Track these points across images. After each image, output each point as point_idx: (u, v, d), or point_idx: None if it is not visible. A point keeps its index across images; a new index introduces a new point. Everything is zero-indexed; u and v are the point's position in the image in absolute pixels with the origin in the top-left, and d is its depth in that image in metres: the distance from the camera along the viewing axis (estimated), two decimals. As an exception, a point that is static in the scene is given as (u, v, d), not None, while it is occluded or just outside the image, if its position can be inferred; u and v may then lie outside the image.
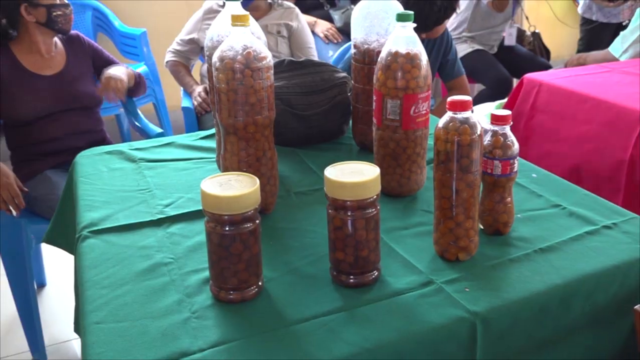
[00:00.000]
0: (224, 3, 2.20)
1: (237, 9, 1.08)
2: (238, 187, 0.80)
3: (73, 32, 1.90)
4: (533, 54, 3.26)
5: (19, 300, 1.90)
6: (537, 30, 3.32)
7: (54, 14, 1.77)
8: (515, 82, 3.14)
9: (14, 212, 1.69)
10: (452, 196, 0.88)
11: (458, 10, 3.13)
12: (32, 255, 1.88)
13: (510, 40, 3.20)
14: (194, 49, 2.36)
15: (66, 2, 1.82)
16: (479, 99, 2.93)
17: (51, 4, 1.76)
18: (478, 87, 3.28)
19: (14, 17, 1.77)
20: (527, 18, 3.36)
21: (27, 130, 1.79)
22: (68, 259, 1.32)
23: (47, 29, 1.80)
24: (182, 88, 2.48)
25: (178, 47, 2.39)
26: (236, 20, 0.96)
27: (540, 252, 0.93)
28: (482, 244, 0.94)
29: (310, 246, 0.96)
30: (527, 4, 3.53)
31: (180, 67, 2.36)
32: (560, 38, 4.17)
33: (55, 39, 1.87)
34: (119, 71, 1.92)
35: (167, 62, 2.40)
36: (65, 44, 1.89)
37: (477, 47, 3.10)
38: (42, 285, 2.15)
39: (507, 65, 3.08)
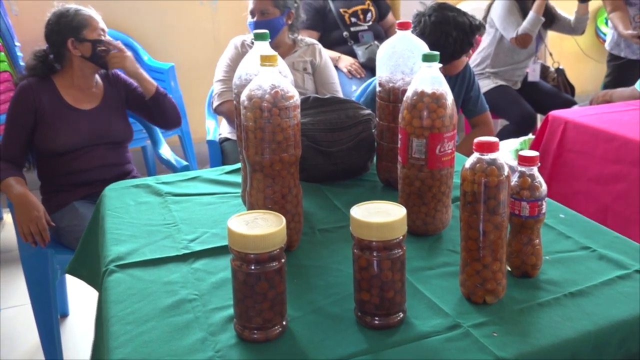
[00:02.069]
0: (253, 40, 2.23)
1: (266, 48, 1.11)
2: (264, 226, 0.81)
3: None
4: (557, 89, 3.25)
5: (42, 329, 1.91)
6: (561, 67, 3.31)
7: (99, 48, 1.83)
8: (539, 118, 3.13)
9: (40, 245, 1.72)
10: (479, 238, 0.87)
11: (480, 47, 3.17)
12: (56, 285, 1.90)
13: (534, 76, 3.20)
14: None
15: (110, 39, 1.88)
16: (502, 135, 2.92)
17: (97, 39, 1.84)
18: (501, 123, 3.27)
19: (61, 50, 1.84)
20: (550, 54, 3.36)
21: (59, 162, 1.83)
22: (91, 290, 1.33)
23: (91, 64, 1.86)
24: (209, 123, 2.52)
25: (227, 86, 2.25)
26: (265, 60, 0.98)
27: (570, 296, 0.91)
28: (510, 287, 0.92)
29: (335, 285, 0.96)
30: (551, 40, 3.54)
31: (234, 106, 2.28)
32: (585, 73, 4.15)
33: (96, 74, 1.92)
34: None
35: (219, 104, 2.27)
36: (104, 80, 1.94)
37: (500, 82, 3.10)
38: (64, 315, 2.17)
39: (531, 101, 3.08)
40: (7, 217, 2.92)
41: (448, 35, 2.02)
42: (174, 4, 3.34)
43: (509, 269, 0.96)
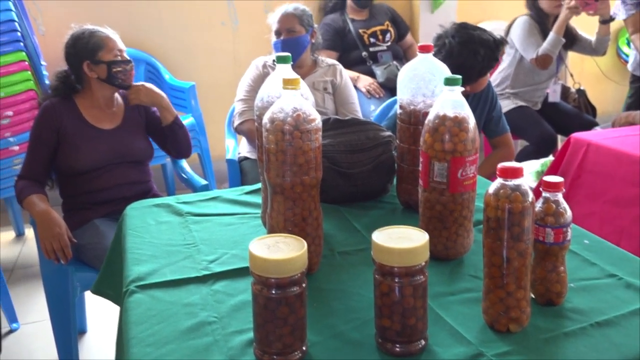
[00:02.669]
0: (274, 61, 2.26)
1: (288, 71, 1.12)
2: (286, 250, 0.80)
3: None
4: (578, 110, 3.22)
5: (60, 345, 1.92)
6: (582, 87, 3.28)
7: (114, 70, 1.85)
8: (560, 139, 3.10)
9: (62, 261, 1.73)
10: (503, 264, 0.85)
11: (500, 67, 3.16)
12: (76, 302, 1.91)
13: (554, 97, 3.17)
14: None
15: (127, 58, 1.90)
16: (522, 156, 2.90)
17: (112, 60, 1.85)
18: (521, 143, 3.25)
19: (79, 72, 1.87)
20: (571, 75, 3.34)
21: (81, 180, 1.86)
22: (109, 306, 1.34)
23: (108, 85, 1.88)
24: (228, 142, 2.53)
25: (248, 105, 2.28)
26: (287, 83, 0.98)
27: (597, 326, 0.88)
28: (535, 315, 0.90)
29: (355, 310, 0.95)
30: (571, 60, 3.52)
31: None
32: (606, 94, 4.11)
33: (117, 94, 1.95)
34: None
35: (240, 123, 2.29)
36: (125, 100, 1.97)
37: (520, 103, 3.08)
38: (82, 331, 2.18)
39: (552, 122, 3.05)
40: (29, 233, 2.96)
41: (476, 54, 2.01)
42: (196, 25, 3.40)
43: (533, 296, 0.95)
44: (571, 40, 3.10)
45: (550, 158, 2.49)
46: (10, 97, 2.50)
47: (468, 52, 2.01)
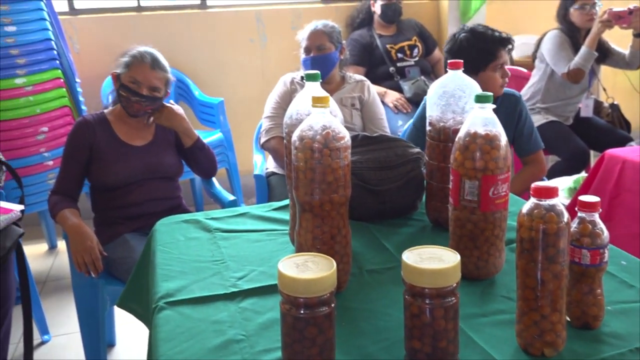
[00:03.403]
0: (302, 77, 2.27)
1: (317, 89, 1.12)
2: (315, 270, 0.80)
3: None
4: (612, 125, 3.14)
5: (89, 358, 1.94)
6: (615, 102, 3.21)
7: (121, 93, 1.88)
8: (593, 154, 3.03)
9: (93, 275, 1.76)
10: (537, 287, 0.83)
11: (531, 82, 3.12)
12: (105, 316, 1.93)
13: (586, 111, 3.11)
14: None
15: (141, 93, 1.86)
16: (554, 172, 2.84)
17: (124, 84, 1.87)
18: (552, 159, 3.18)
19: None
20: (604, 89, 3.27)
21: (112, 195, 1.89)
22: (137, 321, 1.34)
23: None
24: (256, 158, 2.55)
25: (274, 123, 2.29)
26: (317, 102, 0.98)
27: (636, 352, 0.85)
28: (570, 339, 0.87)
29: (384, 330, 0.93)
30: (604, 74, 3.44)
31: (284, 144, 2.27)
32: (640, 109, 4.01)
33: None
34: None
35: (266, 140, 2.30)
36: None
37: (551, 118, 3.03)
38: (111, 345, 2.20)
39: (584, 137, 2.98)
40: (61, 245, 3.02)
41: (471, 47, 2.06)
42: (225, 41, 3.45)
43: (568, 319, 0.92)
44: (604, 54, 3.04)
45: (583, 174, 2.44)
46: (46, 114, 2.58)
47: (462, 45, 2.06)
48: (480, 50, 2.06)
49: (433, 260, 0.80)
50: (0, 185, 1.85)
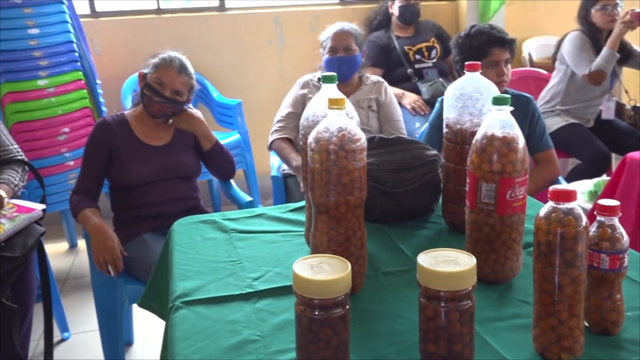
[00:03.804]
0: (319, 79, 2.27)
1: (334, 91, 1.12)
2: (329, 271, 0.80)
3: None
4: (634, 128, 3.09)
5: (108, 356, 1.97)
6: (638, 104, 3.15)
7: (145, 91, 1.91)
8: (615, 157, 2.98)
9: (112, 273, 1.78)
10: (555, 291, 0.82)
11: (550, 83, 3.08)
12: (124, 315, 1.96)
13: (608, 114, 3.06)
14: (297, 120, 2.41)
15: (165, 95, 1.89)
16: (574, 176, 2.80)
17: (149, 84, 1.90)
18: (572, 162, 3.14)
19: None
20: (626, 92, 3.22)
21: (131, 195, 1.91)
22: (154, 319, 1.36)
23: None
24: (273, 159, 2.56)
25: (281, 125, 2.36)
26: (333, 104, 0.99)
27: (657, 359, 0.84)
28: (589, 345, 0.86)
29: (399, 333, 0.93)
30: (626, 77, 3.39)
31: (284, 143, 2.31)
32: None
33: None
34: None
35: (271, 142, 2.36)
36: None
37: (572, 120, 2.99)
38: (129, 343, 2.23)
39: (605, 140, 2.93)
40: (82, 244, 3.07)
41: (464, 45, 2.12)
42: (243, 43, 3.47)
43: (587, 324, 0.90)
44: (626, 55, 2.99)
45: (604, 178, 2.40)
46: (67, 115, 2.62)
47: (469, 37, 2.10)
48: (473, 48, 2.09)
49: (449, 263, 0.80)
50: (23, 185, 1.89)
